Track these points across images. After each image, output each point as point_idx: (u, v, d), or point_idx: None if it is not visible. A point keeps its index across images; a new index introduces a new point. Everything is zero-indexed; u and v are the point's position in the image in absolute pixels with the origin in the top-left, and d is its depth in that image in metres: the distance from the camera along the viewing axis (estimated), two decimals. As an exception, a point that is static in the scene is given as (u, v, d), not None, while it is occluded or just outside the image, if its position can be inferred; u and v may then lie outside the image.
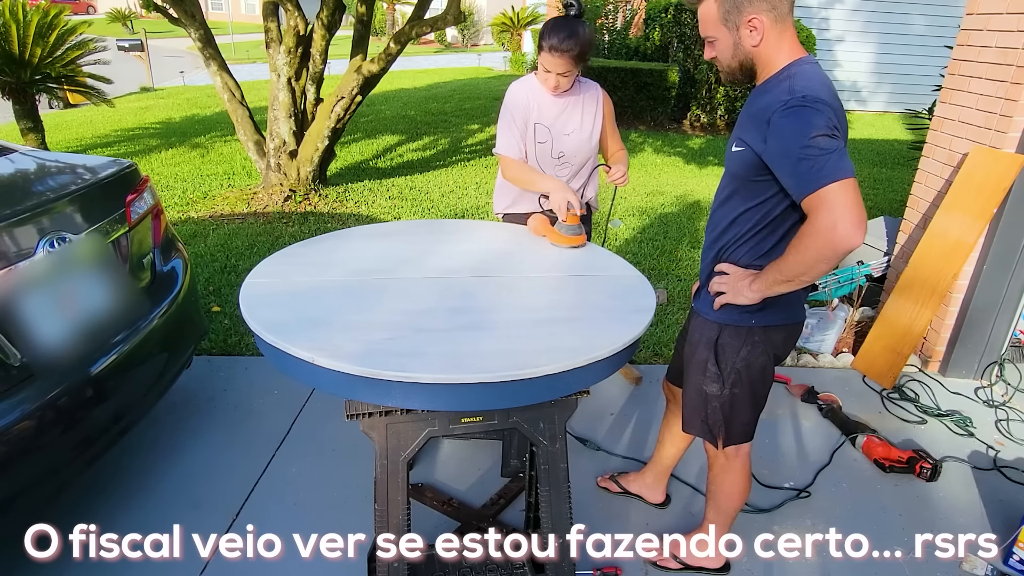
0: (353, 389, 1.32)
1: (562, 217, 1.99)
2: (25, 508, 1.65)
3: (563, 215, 1.98)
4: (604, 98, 2.24)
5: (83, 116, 8.78)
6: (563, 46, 1.98)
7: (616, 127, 2.31)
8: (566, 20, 2.03)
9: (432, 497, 2.18)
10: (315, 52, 5.04)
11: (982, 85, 2.80)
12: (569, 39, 1.98)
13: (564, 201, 1.97)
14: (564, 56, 2.00)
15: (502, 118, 2.19)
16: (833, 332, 3.23)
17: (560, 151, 2.19)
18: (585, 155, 2.23)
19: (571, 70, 2.05)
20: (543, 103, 2.16)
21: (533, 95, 2.16)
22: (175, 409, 2.62)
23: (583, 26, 2.02)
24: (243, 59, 16.73)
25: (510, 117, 2.16)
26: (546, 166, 2.22)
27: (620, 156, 2.29)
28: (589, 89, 2.22)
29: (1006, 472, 2.45)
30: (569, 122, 2.18)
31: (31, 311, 1.71)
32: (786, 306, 1.58)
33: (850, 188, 1.27)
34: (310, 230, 4.61)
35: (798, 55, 1.44)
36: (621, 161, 2.25)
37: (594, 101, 2.21)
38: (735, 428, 1.69)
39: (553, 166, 2.22)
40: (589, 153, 2.23)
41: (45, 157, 2.27)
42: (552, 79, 2.07)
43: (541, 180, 2.11)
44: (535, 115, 2.16)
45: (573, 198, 1.98)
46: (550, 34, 2.01)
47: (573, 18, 2.03)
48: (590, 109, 2.20)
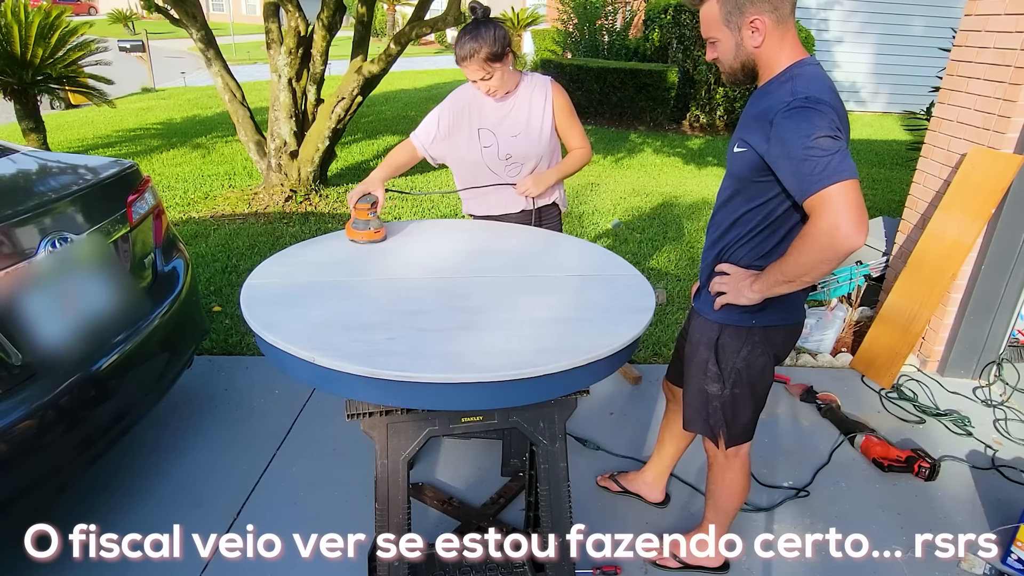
0: (354, 389, 1.32)
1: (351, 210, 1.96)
2: (27, 507, 1.66)
3: (351, 207, 1.96)
4: (556, 92, 2.14)
5: (84, 117, 8.79)
6: (466, 52, 1.95)
7: (576, 122, 2.21)
8: (471, 26, 1.98)
9: (432, 496, 2.18)
10: (316, 53, 5.05)
11: (980, 86, 2.80)
12: (471, 43, 1.94)
13: (353, 194, 1.97)
14: (472, 62, 1.96)
15: (434, 111, 2.17)
16: (832, 332, 3.24)
17: (507, 153, 2.15)
18: (536, 155, 2.16)
19: (488, 73, 1.99)
20: (486, 106, 2.12)
21: (476, 99, 2.12)
22: (176, 408, 2.63)
23: (488, 26, 1.96)
24: (244, 60, 16.73)
25: (438, 109, 2.15)
26: (496, 169, 2.18)
27: (579, 154, 2.22)
28: (537, 85, 2.13)
29: (1004, 471, 2.46)
30: (515, 123, 2.12)
31: (33, 311, 1.71)
32: (786, 306, 1.58)
33: (852, 189, 1.27)
34: (311, 230, 4.62)
35: (800, 56, 1.44)
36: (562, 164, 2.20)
37: (542, 97, 2.12)
38: (736, 428, 1.70)
39: (503, 168, 2.18)
40: (541, 152, 2.17)
41: (47, 157, 2.28)
42: (481, 85, 2.03)
43: (377, 169, 2.10)
44: (478, 120, 2.12)
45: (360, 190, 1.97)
46: (456, 45, 1.98)
47: (479, 22, 1.98)
48: (538, 107, 2.12)
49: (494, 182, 2.20)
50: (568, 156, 2.24)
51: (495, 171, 2.19)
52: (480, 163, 2.17)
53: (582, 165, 2.25)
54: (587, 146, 2.24)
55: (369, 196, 1.98)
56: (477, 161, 2.17)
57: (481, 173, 2.20)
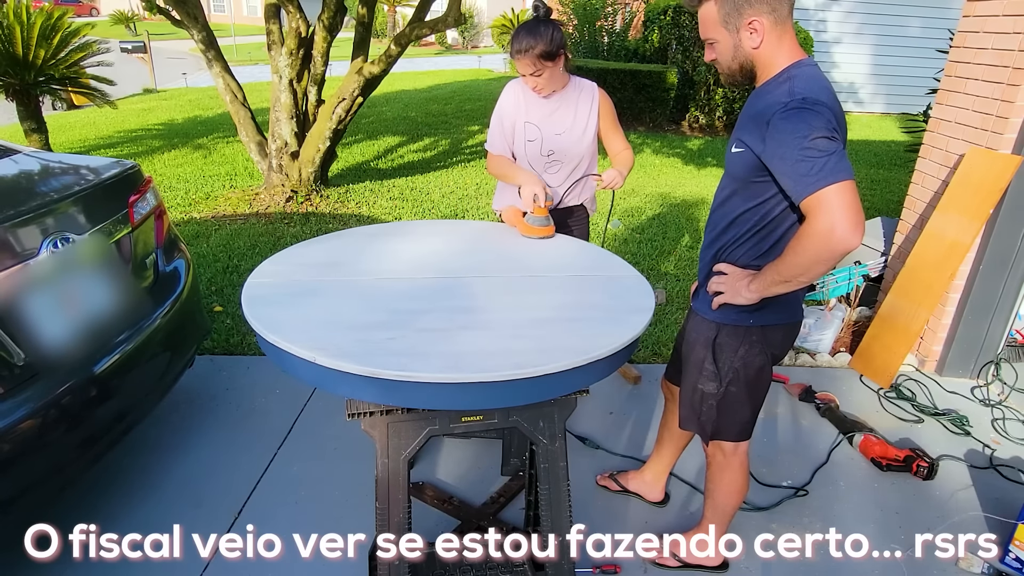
0: (354, 388, 1.33)
1: (529, 209, 2.06)
2: (29, 506, 1.66)
3: (530, 207, 2.06)
4: (601, 98, 2.24)
5: (86, 117, 8.80)
6: (523, 47, 2.02)
7: (618, 126, 2.30)
8: (531, 23, 2.05)
9: (433, 495, 2.19)
10: (316, 54, 5.06)
11: (978, 87, 2.81)
12: (528, 39, 2.01)
13: (531, 194, 2.05)
14: (526, 57, 2.03)
15: (494, 115, 2.25)
16: (831, 332, 3.25)
17: (550, 149, 2.22)
18: (577, 155, 2.24)
19: (539, 70, 2.06)
20: (534, 102, 2.19)
21: (525, 93, 2.19)
22: (178, 408, 2.63)
23: (547, 26, 2.04)
24: (245, 61, 16.76)
25: (499, 115, 2.22)
26: (536, 164, 2.24)
27: (623, 157, 2.28)
28: (584, 89, 2.23)
29: (1002, 470, 2.47)
30: (560, 122, 2.19)
31: (35, 311, 1.72)
32: (784, 306, 1.59)
33: (848, 190, 1.28)
34: (311, 230, 4.63)
35: (798, 57, 1.45)
36: (623, 162, 2.25)
37: (589, 100, 2.22)
38: (733, 427, 1.71)
39: (543, 164, 2.24)
40: (582, 153, 2.24)
41: (49, 158, 2.28)
42: (529, 80, 2.11)
43: (516, 174, 2.17)
44: (524, 114, 2.19)
45: (540, 191, 2.05)
46: (513, 38, 2.06)
47: (539, 20, 2.05)
48: (584, 109, 2.21)
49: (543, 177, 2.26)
50: (623, 158, 2.29)
51: (535, 167, 2.26)
52: (523, 157, 2.24)
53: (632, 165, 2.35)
54: (630, 148, 2.34)
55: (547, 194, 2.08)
56: (521, 155, 2.24)
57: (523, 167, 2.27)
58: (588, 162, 2.29)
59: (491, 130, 2.26)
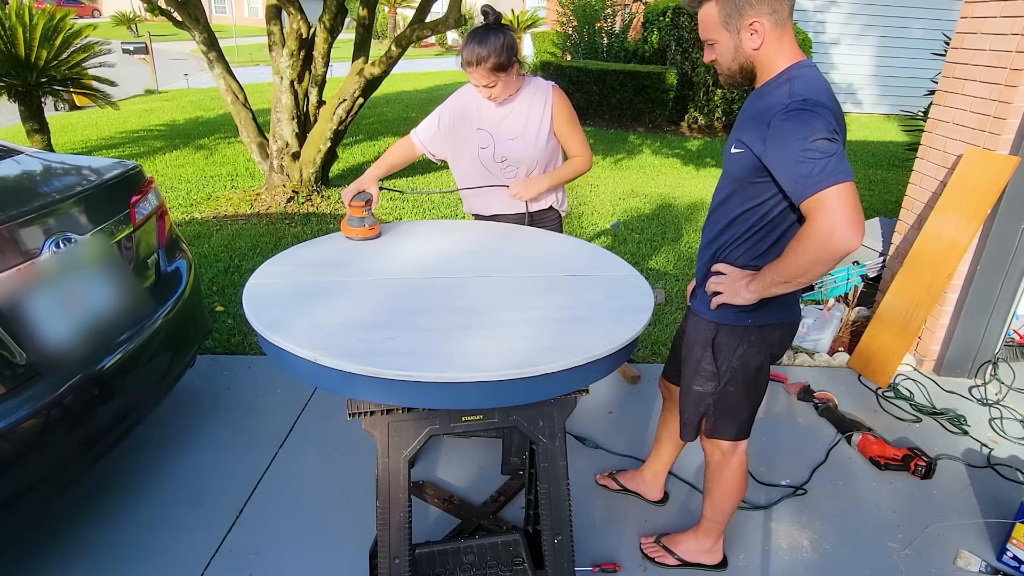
0: (355, 388, 1.33)
1: (347, 208, 2.00)
2: (32, 505, 1.67)
3: (346, 205, 2.00)
4: (556, 97, 2.12)
5: (88, 118, 8.81)
6: (473, 59, 1.93)
7: (576, 128, 2.18)
8: (481, 31, 1.95)
9: (433, 494, 2.20)
10: (317, 55, 5.07)
11: (976, 88, 2.82)
12: (479, 49, 1.91)
13: (348, 191, 2.01)
14: (478, 69, 1.94)
15: (436, 110, 2.18)
16: (829, 331, 3.26)
17: (503, 156, 2.15)
18: (532, 159, 2.15)
19: (492, 81, 1.98)
20: (486, 108, 2.12)
21: (477, 99, 2.12)
22: (179, 407, 2.64)
23: (498, 34, 1.94)
24: (246, 62, 16.76)
25: (441, 114, 2.17)
26: (493, 170, 2.19)
27: (576, 163, 2.19)
28: (538, 90, 2.11)
29: (999, 469, 2.48)
30: (512, 127, 2.11)
31: (37, 311, 1.73)
32: (782, 305, 1.60)
33: (848, 191, 1.29)
34: (312, 231, 4.64)
35: (797, 58, 1.45)
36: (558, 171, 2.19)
37: (542, 103, 2.11)
38: (732, 426, 1.72)
39: (499, 170, 2.18)
40: (536, 156, 2.15)
41: (51, 159, 2.29)
42: (483, 91, 2.02)
43: (372, 167, 2.12)
44: (476, 120, 2.12)
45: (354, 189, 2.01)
46: (463, 49, 1.95)
47: (488, 27, 1.95)
48: (536, 112, 2.11)
49: (490, 183, 2.22)
50: (565, 163, 2.22)
51: (492, 172, 2.20)
52: (476, 163, 2.18)
53: (579, 173, 2.22)
54: (586, 154, 2.21)
55: (364, 193, 2.01)
56: (473, 161, 2.18)
57: (478, 173, 2.21)
58: (549, 165, 2.21)
59: (425, 120, 2.19)
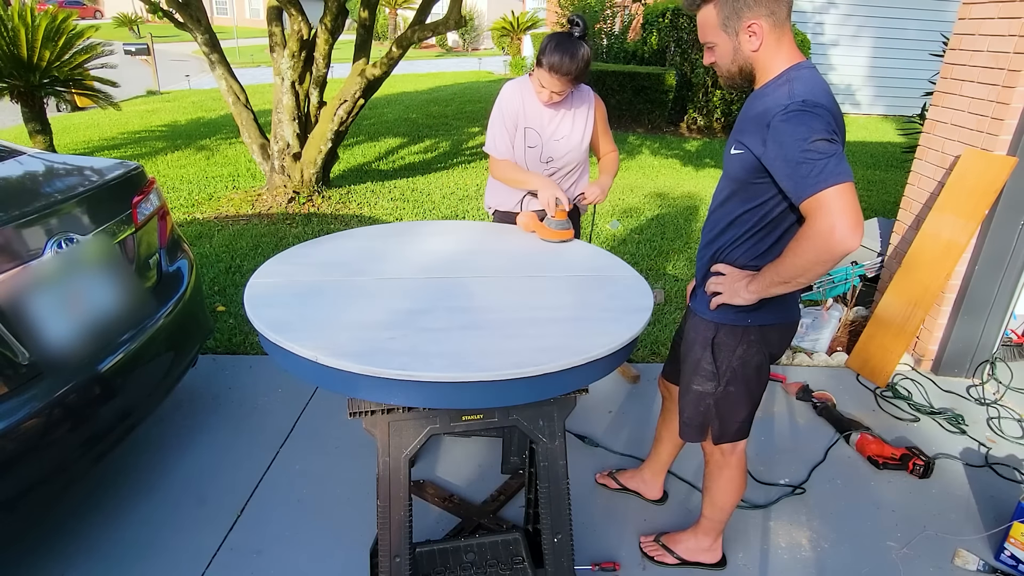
0: (356, 387, 1.34)
1: (551, 213, 2.07)
2: (33, 505, 1.68)
3: (552, 211, 2.06)
4: (597, 103, 2.25)
5: (90, 119, 8.83)
6: (562, 68, 1.97)
7: (608, 129, 2.32)
8: (569, 40, 1.98)
9: (433, 494, 2.21)
10: (318, 56, 5.08)
11: (974, 88, 2.83)
12: (570, 62, 1.97)
13: (552, 198, 2.05)
14: (563, 78, 2.00)
15: (493, 118, 2.21)
16: (827, 331, 3.27)
17: (549, 156, 2.21)
18: (574, 160, 2.25)
19: (566, 89, 2.05)
20: (535, 108, 2.16)
21: (525, 99, 2.16)
22: (181, 407, 2.65)
23: (585, 47, 1.99)
24: (248, 63, 16.78)
25: (501, 118, 2.18)
26: (534, 169, 2.24)
27: (609, 160, 2.31)
28: (582, 94, 2.21)
29: (997, 469, 2.49)
30: (560, 128, 2.19)
31: (39, 310, 1.74)
32: (781, 305, 1.60)
33: (848, 192, 1.29)
34: (313, 231, 4.65)
35: (796, 59, 1.46)
36: (607, 167, 2.29)
37: (586, 107, 2.21)
38: (731, 426, 1.73)
39: (542, 170, 2.24)
40: (578, 158, 2.25)
41: (53, 159, 2.30)
42: (546, 94, 2.08)
43: (529, 178, 2.15)
44: (524, 119, 2.17)
45: (561, 194, 2.06)
46: (551, 53, 1.98)
47: (576, 38, 1.99)
48: (581, 115, 2.21)
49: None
50: (608, 161, 2.33)
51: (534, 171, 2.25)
52: (523, 162, 2.23)
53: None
54: (616, 149, 2.38)
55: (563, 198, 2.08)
56: (520, 159, 2.23)
57: None
58: (583, 167, 2.31)
59: (493, 133, 2.21)
